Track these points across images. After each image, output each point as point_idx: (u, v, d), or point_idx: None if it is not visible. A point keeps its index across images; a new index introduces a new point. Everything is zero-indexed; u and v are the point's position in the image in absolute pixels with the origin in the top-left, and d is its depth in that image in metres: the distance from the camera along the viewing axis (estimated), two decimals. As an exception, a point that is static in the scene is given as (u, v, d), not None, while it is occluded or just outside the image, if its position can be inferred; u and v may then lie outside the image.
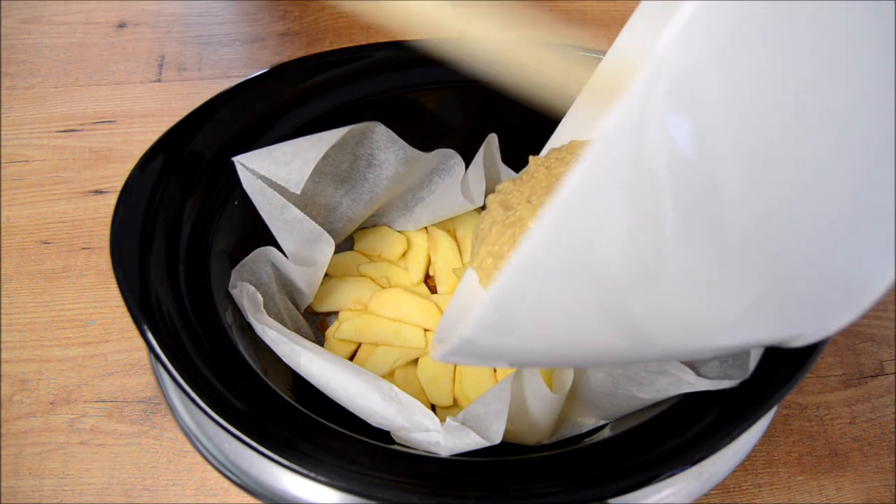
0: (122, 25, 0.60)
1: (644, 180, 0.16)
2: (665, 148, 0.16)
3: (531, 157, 0.35)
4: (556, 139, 0.38)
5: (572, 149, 0.34)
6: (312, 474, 0.26)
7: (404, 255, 0.44)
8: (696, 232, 0.17)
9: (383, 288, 0.42)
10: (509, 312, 0.19)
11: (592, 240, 0.17)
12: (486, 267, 0.30)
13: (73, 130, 0.52)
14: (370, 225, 0.45)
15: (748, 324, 0.21)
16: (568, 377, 0.33)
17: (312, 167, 0.35)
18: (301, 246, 0.38)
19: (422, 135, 0.41)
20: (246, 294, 0.34)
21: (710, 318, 0.20)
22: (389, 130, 0.39)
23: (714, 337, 0.21)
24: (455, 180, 0.42)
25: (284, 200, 0.36)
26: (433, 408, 0.38)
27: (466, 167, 0.42)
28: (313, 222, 0.37)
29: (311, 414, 0.29)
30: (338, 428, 0.29)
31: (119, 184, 0.33)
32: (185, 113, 0.36)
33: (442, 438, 0.30)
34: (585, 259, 0.18)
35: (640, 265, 0.18)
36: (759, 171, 0.17)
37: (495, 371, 0.39)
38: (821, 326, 0.21)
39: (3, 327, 0.42)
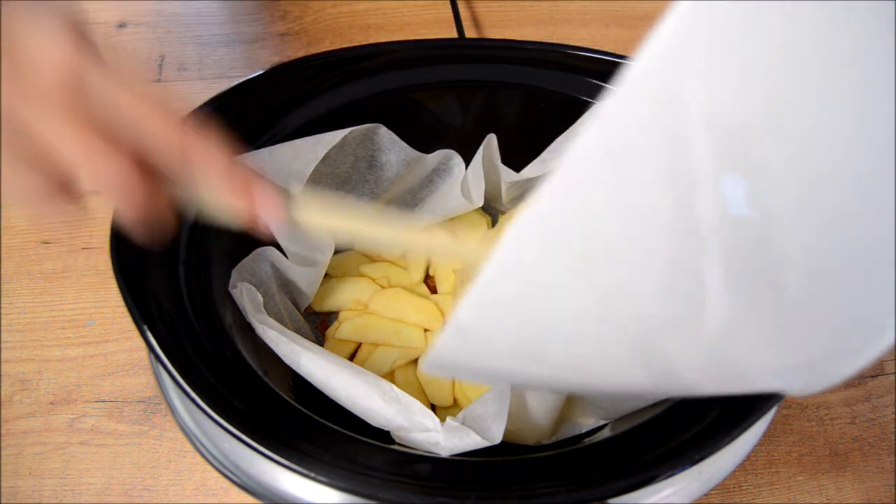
0: (122, 25, 0.60)
1: (690, 234, 0.16)
2: (718, 207, 0.16)
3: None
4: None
5: None
6: (312, 474, 0.26)
7: (404, 254, 0.44)
8: (743, 285, 0.17)
9: (383, 288, 0.42)
10: (485, 320, 0.18)
11: (625, 280, 0.17)
12: None
13: (73, 130, 0.52)
14: (370, 225, 0.45)
15: (781, 371, 0.21)
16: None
17: (313, 168, 0.35)
18: (301, 246, 0.38)
19: (422, 135, 0.41)
20: (246, 294, 0.34)
21: (747, 365, 0.20)
22: (390, 132, 0.39)
23: (748, 382, 0.21)
24: (455, 181, 0.42)
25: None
26: (433, 408, 0.38)
27: (467, 167, 0.42)
28: (313, 222, 0.37)
29: (311, 414, 0.29)
30: (338, 428, 0.29)
31: (119, 184, 0.33)
32: (185, 113, 0.36)
33: (442, 438, 0.30)
34: (621, 298, 0.18)
35: (676, 312, 0.18)
36: (816, 230, 0.17)
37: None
38: (832, 376, 0.21)
39: (3, 327, 0.42)
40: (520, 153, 0.42)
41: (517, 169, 0.43)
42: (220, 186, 0.25)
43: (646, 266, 0.17)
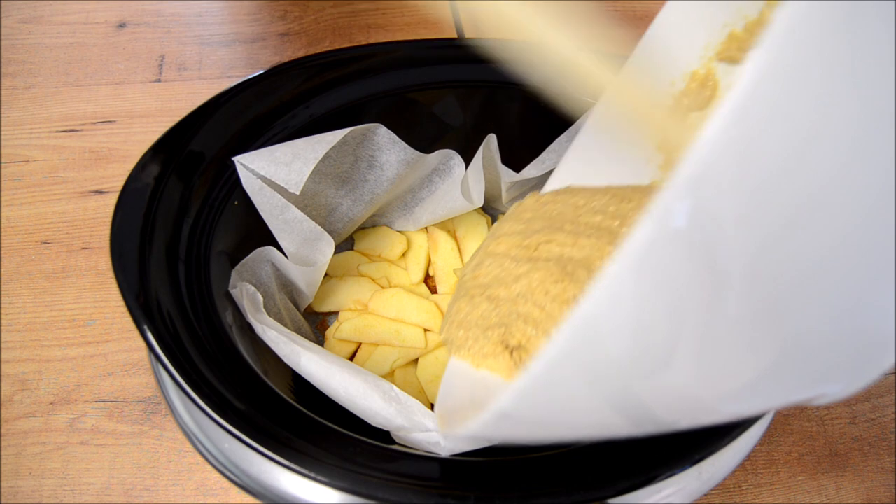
0: (122, 25, 0.60)
1: (662, 285, 0.17)
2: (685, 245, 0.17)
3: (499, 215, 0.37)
4: (550, 184, 0.39)
5: (533, 203, 0.35)
6: (312, 474, 0.26)
7: (404, 255, 0.44)
8: (710, 314, 0.18)
9: (383, 288, 0.42)
10: (525, 409, 0.20)
11: (609, 344, 0.18)
12: (458, 340, 0.32)
13: (73, 130, 0.52)
14: (370, 225, 0.45)
15: (763, 394, 0.21)
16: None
17: (312, 167, 0.35)
18: (301, 246, 0.38)
19: (422, 135, 0.41)
20: (246, 294, 0.34)
21: (721, 394, 0.21)
22: (390, 132, 0.39)
23: (725, 410, 0.22)
24: (455, 181, 0.42)
25: (284, 200, 0.36)
26: (433, 408, 0.38)
27: (467, 167, 0.42)
28: (313, 222, 0.37)
29: (311, 414, 0.29)
30: (338, 428, 0.29)
31: (119, 184, 0.33)
32: (185, 113, 0.36)
33: (442, 438, 0.30)
34: (603, 362, 0.18)
35: (653, 359, 0.19)
36: (772, 246, 0.17)
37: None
38: (848, 384, 0.21)
39: (3, 327, 0.42)
40: (520, 153, 0.42)
41: (517, 169, 0.43)
42: None
43: (623, 335, 0.18)
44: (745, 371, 0.19)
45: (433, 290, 0.43)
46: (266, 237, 0.37)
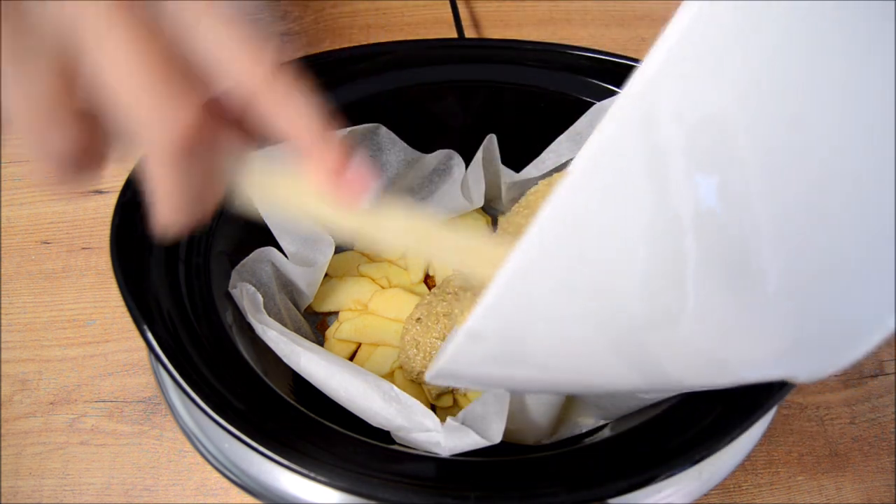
0: (122, 25, 0.60)
1: (666, 226, 0.17)
2: (690, 202, 0.16)
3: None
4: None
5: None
6: (312, 474, 0.26)
7: (404, 254, 0.44)
8: (720, 277, 0.18)
9: (383, 288, 0.42)
10: (498, 325, 0.19)
11: (597, 268, 0.17)
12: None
13: (73, 130, 0.52)
14: (370, 225, 0.45)
15: (766, 363, 0.21)
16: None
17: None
18: (301, 246, 0.38)
19: (422, 135, 0.41)
20: (246, 294, 0.34)
21: (728, 357, 0.20)
22: (390, 132, 0.39)
23: (732, 373, 0.21)
24: (455, 181, 0.42)
25: (284, 200, 0.36)
26: (433, 408, 0.38)
27: (467, 167, 0.42)
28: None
29: (311, 414, 0.29)
30: (338, 428, 0.29)
31: (119, 184, 0.33)
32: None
33: (442, 438, 0.30)
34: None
35: (657, 307, 0.18)
36: (788, 220, 0.17)
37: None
38: (822, 367, 0.21)
39: (3, 327, 0.42)
40: (520, 153, 0.42)
41: (517, 169, 0.43)
42: (310, 157, 0.21)
43: (627, 267, 0.17)
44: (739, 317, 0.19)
45: (433, 290, 0.43)
46: (266, 237, 0.37)
